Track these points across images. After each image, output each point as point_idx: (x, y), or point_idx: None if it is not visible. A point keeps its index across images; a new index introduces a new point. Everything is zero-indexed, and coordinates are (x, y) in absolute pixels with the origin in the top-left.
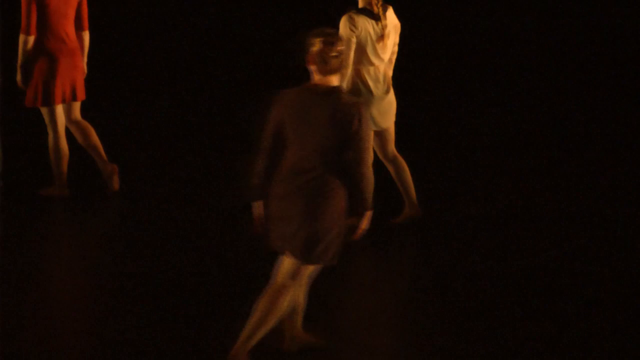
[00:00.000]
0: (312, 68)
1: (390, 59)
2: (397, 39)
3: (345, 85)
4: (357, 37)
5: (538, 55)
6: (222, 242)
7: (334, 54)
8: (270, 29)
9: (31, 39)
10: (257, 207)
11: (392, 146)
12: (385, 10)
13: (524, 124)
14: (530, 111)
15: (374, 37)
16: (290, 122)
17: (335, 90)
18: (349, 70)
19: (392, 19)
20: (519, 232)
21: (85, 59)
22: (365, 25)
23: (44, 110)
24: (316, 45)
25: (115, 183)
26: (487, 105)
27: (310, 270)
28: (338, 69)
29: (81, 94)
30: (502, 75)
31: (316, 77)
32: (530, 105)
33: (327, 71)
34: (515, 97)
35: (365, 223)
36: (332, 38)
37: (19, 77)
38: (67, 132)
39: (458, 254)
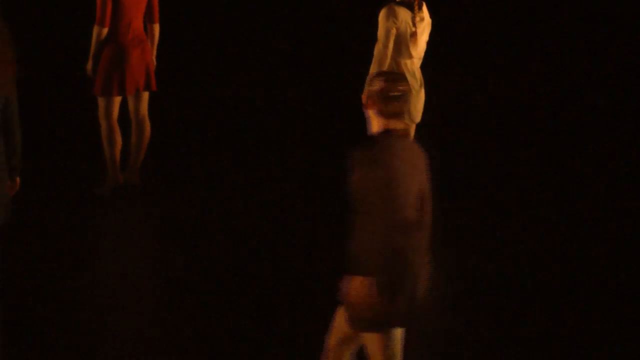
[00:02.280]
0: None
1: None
2: (426, 37)
3: None
4: (397, 28)
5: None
6: (226, 243)
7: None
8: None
9: (104, 31)
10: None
11: None
12: (421, 5)
13: (527, 123)
14: (531, 112)
15: (412, 30)
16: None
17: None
18: (387, 62)
19: (426, 15)
20: (521, 233)
21: (155, 51)
22: (406, 17)
23: (101, 100)
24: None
25: (119, 184)
26: (487, 106)
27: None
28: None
29: (152, 84)
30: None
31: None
32: (531, 105)
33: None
34: (515, 98)
35: None
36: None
37: (89, 66)
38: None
39: (462, 255)
